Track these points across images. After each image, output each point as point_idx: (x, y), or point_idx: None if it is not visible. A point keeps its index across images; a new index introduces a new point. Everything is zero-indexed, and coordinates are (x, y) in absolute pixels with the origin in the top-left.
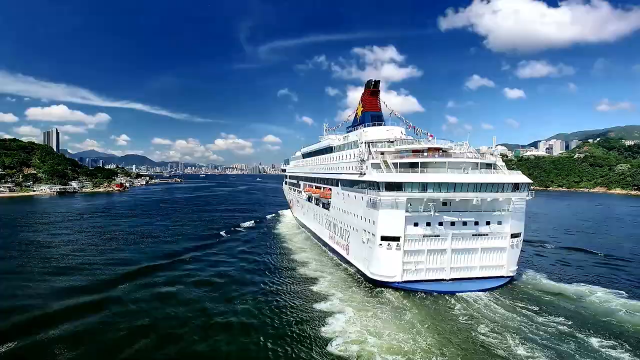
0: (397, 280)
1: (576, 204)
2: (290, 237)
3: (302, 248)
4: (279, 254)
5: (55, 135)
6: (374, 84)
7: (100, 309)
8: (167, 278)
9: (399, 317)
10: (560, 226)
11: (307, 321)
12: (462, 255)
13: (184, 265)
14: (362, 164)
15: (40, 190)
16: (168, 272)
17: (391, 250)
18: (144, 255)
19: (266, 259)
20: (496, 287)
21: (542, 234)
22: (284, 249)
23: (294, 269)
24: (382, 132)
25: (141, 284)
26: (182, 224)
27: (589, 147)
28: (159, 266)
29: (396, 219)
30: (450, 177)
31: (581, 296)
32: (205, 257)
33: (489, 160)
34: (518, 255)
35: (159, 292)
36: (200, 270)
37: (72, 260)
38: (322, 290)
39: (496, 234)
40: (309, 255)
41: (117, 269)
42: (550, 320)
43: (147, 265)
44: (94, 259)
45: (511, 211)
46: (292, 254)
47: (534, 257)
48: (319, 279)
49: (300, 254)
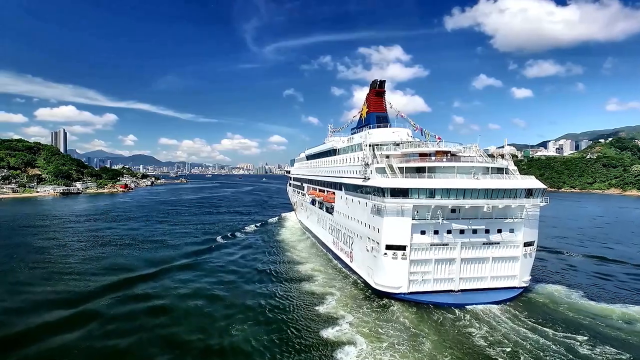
0: (403, 292)
1: (592, 206)
2: (294, 245)
3: (307, 258)
4: (280, 265)
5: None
6: (379, 84)
7: (77, 327)
8: (154, 290)
9: (417, 347)
10: (578, 231)
11: (313, 354)
12: (472, 265)
13: (174, 275)
14: (367, 168)
15: (43, 191)
16: (156, 282)
17: (397, 260)
18: (134, 264)
19: (266, 270)
20: (508, 300)
21: (556, 240)
22: (287, 259)
23: (298, 284)
24: (388, 134)
25: (125, 296)
26: (180, 228)
27: (601, 147)
28: (146, 276)
29: (402, 227)
30: (460, 183)
31: (603, 311)
32: (198, 267)
33: (501, 164)
34: (531, 265)
35: (143, 308)
36: (191, 282)
37: (56, 268)
38: (330, 312)
39: (508, 243)
40: (315, 267)
41: (102, 278)
42: (568, 338)
43: (134, 275)
44: (79, 267)
45: (524, 218)
46: (296, 265)
47: (548, 266)
48: (326, 297)
49: (305, 264)
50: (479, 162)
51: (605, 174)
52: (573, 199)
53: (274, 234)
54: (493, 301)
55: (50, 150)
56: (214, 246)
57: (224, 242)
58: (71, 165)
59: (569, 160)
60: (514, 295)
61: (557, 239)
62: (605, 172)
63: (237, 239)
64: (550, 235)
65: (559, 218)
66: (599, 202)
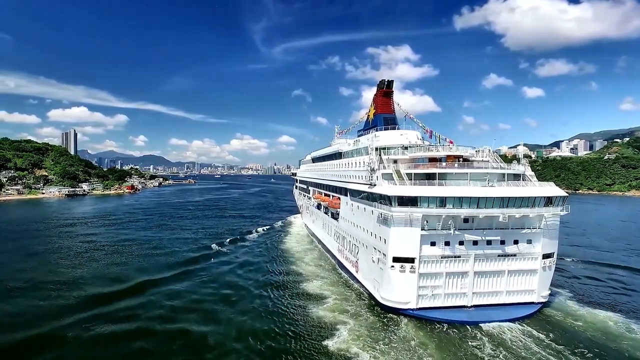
0: (411, 307)
1: (615, 209)
2: (301, 256)
3: (315, 273)
4: (284, 282)
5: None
6: (387, 84)
7: (46, 349)
8: (131, 309)
9: None
10: (602, 237)
11: None
12: (486, 279)
13: (157, 292)
14: (372, 174)
15: (49, 192)
16: (137, 299)
17: (404, 273)
18: (117, 275)
19: (267, 289)
20: (526, 317)
21: (578, 247)
22: (292, 274)
23: (304, 308)
24: (396, 137)
25: (102, 315)
26: (179, 233)
27: (618, 147)
28: (125, 292)
29: (410, 238)
30: (473, 191)
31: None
32: (188, 282)
33: (517, 170)
34: (551, 278)
35: (120, 331)
36: (178, 299)
37: (37, 277)
38: (342, 350)
39: (526, 255)
40: (324, 285)
41: (83, 290)
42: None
43: (116, 289)
44: (61, 277)
45: (543, 228)
46: (302, 283)
47: (570, 278)
48: (337, 326)
49: (312, 281)
50: (494, 167)
51: (624, 175)
52: (592, 201)
53: (279, 242)
54: (509, 319)
55: (59, 151)
56: (211, 256)
57: (224, 250)
58: (79, 166)
59: (585, 161)
60: (531, 312)
61: (579, 246)
62: (624, 173)
63: (238, 247)
64: (571, 242)
65: (580, 222)
66: (621, 204)
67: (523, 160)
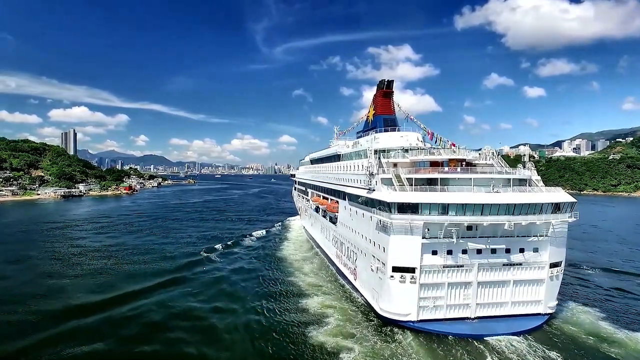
0: (411, 319)
1: (623, 211)
2: (300, 265)
3: (316, 287)
4: (281, 297)
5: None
6: (387, 84)
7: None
8: (107, 323)
9: None
10: (614, 240)
11: None
12: (490, 289)
13: (140, 304)
14: (371, 178)
15: (44, 193)
16: (111, 312)
17: (405, 284)
18: (100, 285)
19: (261, 305)
20: (532, 329)
21: (587, 253)
22: (290, 288)
23: (303, 330)
24: (396, 139)
25: (74, 330)
26: (172, 238)
27: (622, 147)
28: (102, 304)
29: (411, 247)
30: (477, 197)
31: None
32: (174, 296)
33: (523, 175)
34: (558, 288)
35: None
36: (157, 313)
37: (13, 288)
38: None
39: (532, 264)
40: (326, 301)
41: (57, 304)
42: None
43: (93, 300)
44: (39, 288)
45: (550, 236)
46: (301, 299)
47: (578, 286)
48: (342, 356)
49: (313, 297)
50: (499, 172)
51: (630, 175)
52: (598, 202)
53: (276, 248)
54: (515, 331)
55: (56, 151)
56: (200, 266)
57: (215, 259)
58: (77, 167)
59: (590, 161)
60: (538, 325)
61: (588, 251)
62: (630, 173)
63: (231, 254)
64: (580, 247)
65: (588, 225)
66: (628, 205)
67: (529, 164)
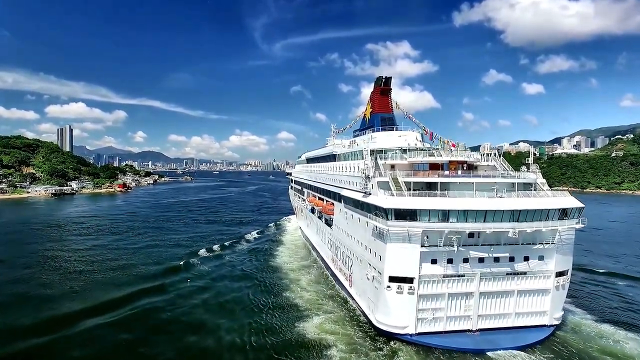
0: (409, 332)
1: (629, 210)
2: (297, 276)
3: (315, 304)
4: (272, 319)
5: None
6: (385, 81)
7: None
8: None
9: None
10: (622, 243)
11: None
12: (492, 300)
13: (98, 325)
14: (368, 181)
15: (34, 192)
16: (76, 328)
17: (402, 295)
18: (61, 297)
19: (248, 330)
20: (537, 342)
21: (593, 256)
22: (284, 305)
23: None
24: (394, 139)
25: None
26: (156, 242)
27: (623, 144)
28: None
29: (408, 255)
30: (480, 203)
31: None
32: (140, 319)
33: (528, 178)
34: (564, 298)
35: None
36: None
37: None
38: None
39: (537, 273)
40: (327, 323)
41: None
42: None
43: (66, 312)
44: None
45: (557, 243)
46: (297, 320)
47: (584, 293)
48: None
49: (312, 318)
50: (502, 175)
51: (634, 173)
52: (602, 200)
53: (270, 255)
54: (519, 345)
55: (50, 148)
56: (181, 276)
57: (199, 267)
58: (70, 163)
59: (592, 159)
60: (543, 337)
61: (595, 255)
62: (634, 171)
63: (218, 261)
64: (587, 250)
65: (594, 225)
66: (635, 204)
67: (533, 167)
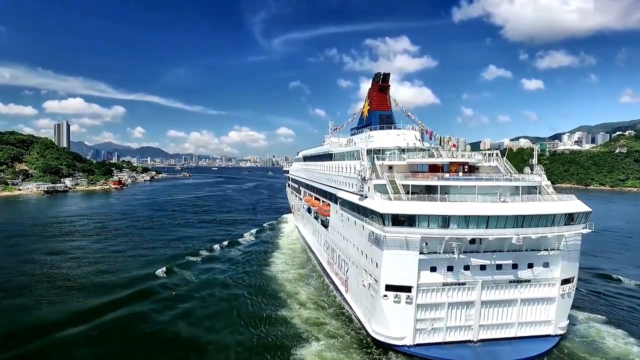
0: (407, 344)
1: (637, 208)
2: (294, 288)
3: (316, 323)
4: (265, 346)
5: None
6: (383, 77)
7: None
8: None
9: None
10: (631, 246)
11: None
12: (495, 309)
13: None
14: (364, 184)
15: (26, 189)
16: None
17: (399, 304)
18: (34, 305)
19: (240, 343)
20: (542, 354)
21: (600, 260)
22: (279, 327)
23: None
24: (392, 138)
25: None
26: (142, 245)
27: (625, 140)
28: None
29: (406, 263)
30: (482, 208)
31: None
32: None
33: (532, 181)
34: (569, 307)
35: None
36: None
37: None
38: None
39: (542, 280)
40: (330, 351)
41: None
42: None
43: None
44: None
45: (562, 250)
46: (294, 347)
47: (590, 300)
48: None
49: (311, 343)
50: (505, 178)
51: (638, 170)
52: (607, 198)
53: (265, 261)
54: (522, 357)
55: (44, 144)
56: (158, 289)
57: (182, 276)
58: (65, 159)
59: (596, 155)
60: (548, 348)
61: (602, 258)
62: (638, 168)
63: (204, 268)
64: (593, 254)
65: (602, 226)
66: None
67: (537, 168)
